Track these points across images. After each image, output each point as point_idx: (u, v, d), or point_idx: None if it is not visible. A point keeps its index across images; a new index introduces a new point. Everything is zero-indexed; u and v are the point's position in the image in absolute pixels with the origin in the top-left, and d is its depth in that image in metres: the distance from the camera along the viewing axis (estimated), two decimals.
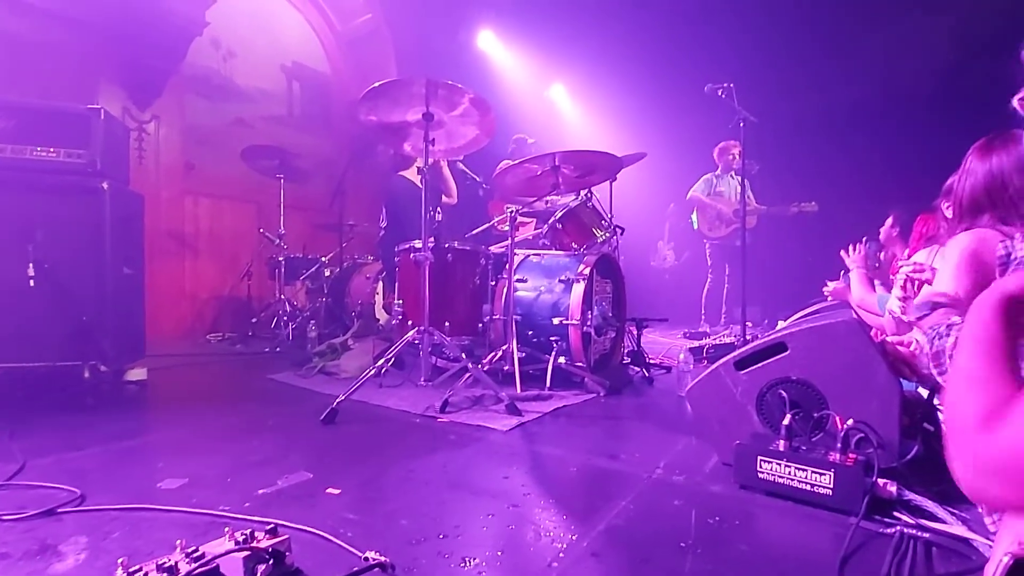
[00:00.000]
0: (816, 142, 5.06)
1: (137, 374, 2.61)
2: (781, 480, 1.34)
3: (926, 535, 1.14)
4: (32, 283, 2.19)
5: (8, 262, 2.17)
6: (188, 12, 4.30)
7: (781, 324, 2.09)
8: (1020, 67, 1.00)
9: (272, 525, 0.96)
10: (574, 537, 1.15)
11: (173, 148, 4.58)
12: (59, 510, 1.21)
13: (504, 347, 2.55)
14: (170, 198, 4.56)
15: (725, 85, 3.31)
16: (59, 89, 3.76)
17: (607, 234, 3.07)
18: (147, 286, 2.82)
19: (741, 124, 3.39)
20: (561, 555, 1.08)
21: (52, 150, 2.29)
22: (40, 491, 1.31)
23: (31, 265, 2.19)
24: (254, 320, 4.43)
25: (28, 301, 2.19)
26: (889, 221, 2.61)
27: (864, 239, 1.91)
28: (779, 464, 1.35)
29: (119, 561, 0.84)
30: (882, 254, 1.91)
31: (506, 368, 2.50)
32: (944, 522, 1.17)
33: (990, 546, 1.01)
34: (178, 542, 0.88)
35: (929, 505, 1.23)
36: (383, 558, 0.98)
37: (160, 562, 0.83)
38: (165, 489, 1.37)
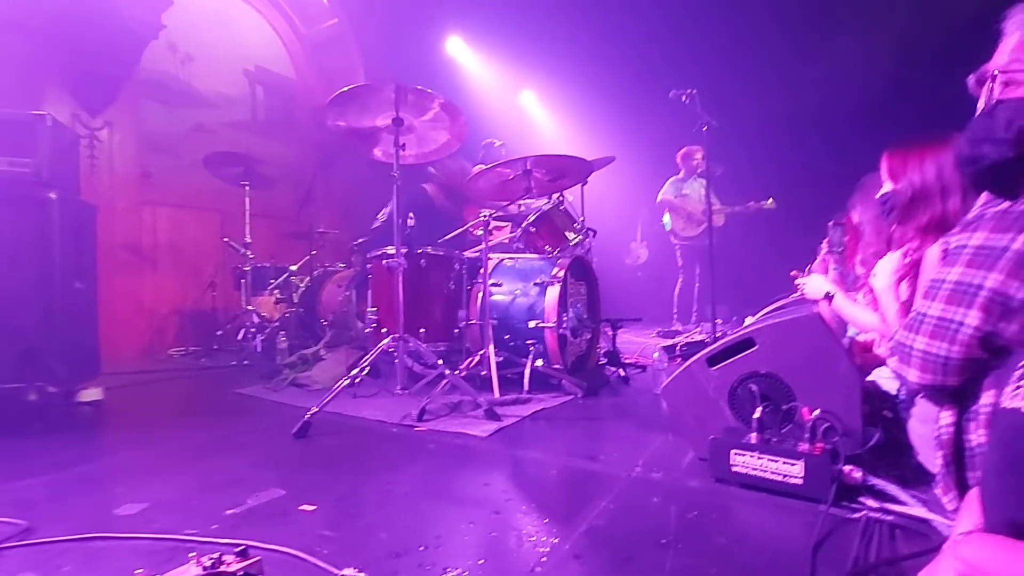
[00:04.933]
0: (776, 144, 5.23)
1: (91, 394, 2.47)
2: (754, 472, 1.37)
3: (890, 518, 1.19)
4: None
5: None
6: (142, 16, 4.14)
7: (749, 320, 2.14)
8: (962, 75, 1.05)
9: (242, 547, 0.92)
10: (556, 540, 1.15)
11: (128, 156, 4.39)
12: (2, 544, 1.12)
13: (481, 352, 2.53)
14: (126, 208, 4.37)
15: (689, 91, 3.40)
16: (1, 95, 3.56)
17: (580, 236, 3.09)
18: (102, 301, 2.69)
19: (704, 128, 3.48)
20: (544, 559, 1.07)
21: None
22: None
23: None
24: (219, 333, 4.28)
25: None
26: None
27: (831, 222, 1.96)
28: (752, 456, 1.38)
29: None
30: (847, 238, 1.95)
31: (483, 373, 2.48)
32: (906, 504, 1.22)
33: (948, 525, 1.05)
34: (137, 572, 0.83)
35: (892, 489, 1.28)
36: (361, 574, 0.95)
37: None
38: (123, 515, 1.29)
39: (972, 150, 0.93)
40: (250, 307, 3.95)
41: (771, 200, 4.89)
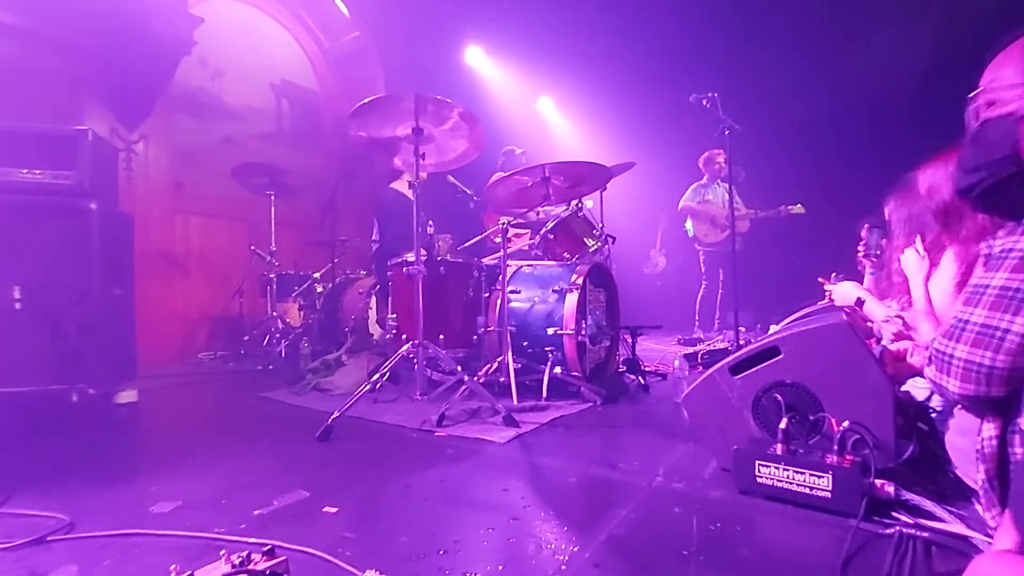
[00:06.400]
0: (800, 147, 5.14)
1: (128, 396, 2.56)
2: (780, 484, 1.34)
3: (925, 534, 1.14)
4: (18, 306, 2.15)
5: None
6: (176, 32, 4.31)
7: (773, 328, 2.10)
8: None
9: (269, 546, 0.94)
10: (575, 548, 1.14)
11: (162, 167, 4.56)
12: (48, 538, 1.18)
13: (499, 359, 2.54)
14: (160, 217, 4.53)
15: (710, 95, 3.37)
16: (47, 111, 3.74)
17: (599, 243, 3.09)
18: (138, 306, 2.78)
19: (726, 132, 3.45)
20: (563, 567, 1.07)
21: (39, 172, 2.27)
22: (28, 519, 1.28)
23: (16, 288, 2.15)
24: (246, 338, 4.39)
25: (14, 324, 2.14)
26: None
27: (866, 225, 1.89)
28: (777, 468, 1.35)
29: None
30: (884, 241, 1.87)
31: (502, 380, 2.49)
32: (943, 520, 1.18)
33: (989, 543, 1.01)
34: (172, 568, 0.86)
35: (927, 504, 1.24)
36: None
37: None
38: (158, 513, 1.34)
39: (967, 180, 0.90)
40: (275, 313, 4.05)
41: (800, 205, 4.78)
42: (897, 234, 1.78)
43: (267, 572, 0.88)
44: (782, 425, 1.39)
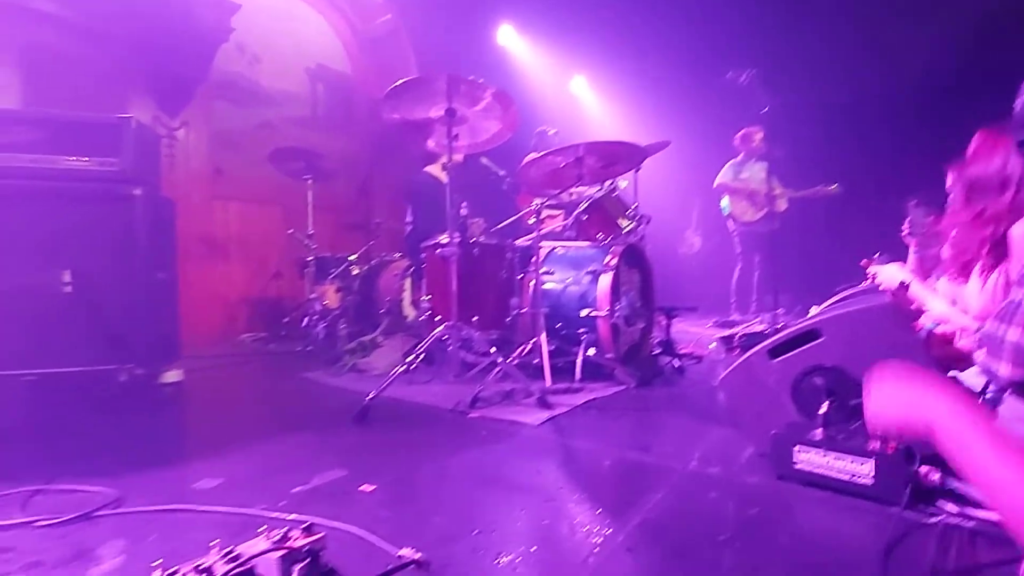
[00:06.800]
0: (840, 125, 4.89)
1: (172, 376, 2.67)
2: (819, 470, 1.31)
3: (971, 524, 1.10)
4: (68, 289, 2.26)
5: (44, 269, 2.24)
6: (214, 19, 4.39)
7: (814, 310, 2.02)
8: None
9: (307, 523, 0.96)
10: (609, 531, 1.14)
11: (202, 153, 4.70)
12: (96, 513, 1.22)
13: (533, 340, 2.54)
14: (200, 203, 4.68)
15: (747, 71, 3.24)
16: (92, 100, 3.87)
17: (633, 224, 3.02)
18: (181, 289, 2.90)
19: (765, 109, 3.31)
20: (596, 550, 1.07)
21: (85, 159, 2.35)
22: (78, 494, 1.32)
23: (67, 272, 2.26)
24: (286, 320, 4.52)
25: (64, 307, 2.25)
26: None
27: (913, 202, 1.78)
28: (817, 454, 1.31)
29: (156, 564, 0.84)
30: (931, 219, 1.76)
31: (535, 362, 2.49)
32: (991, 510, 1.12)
33: None
34: (214, 543, 0.88)
35: (975, 493, 1.17)
36: (418, 555, 0.98)
37: (197, 564, 0.83)
38: (201, 489, 1.39)
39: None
40: (313, 296, 4.15)
41: (836, 185, 4.61)
42: (958, 204, 1.67)
43: (305, 548, 0.91)
44: (822, 410, 1.35)
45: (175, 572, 0.83)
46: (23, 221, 2.22)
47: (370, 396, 2.07)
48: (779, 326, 3.10)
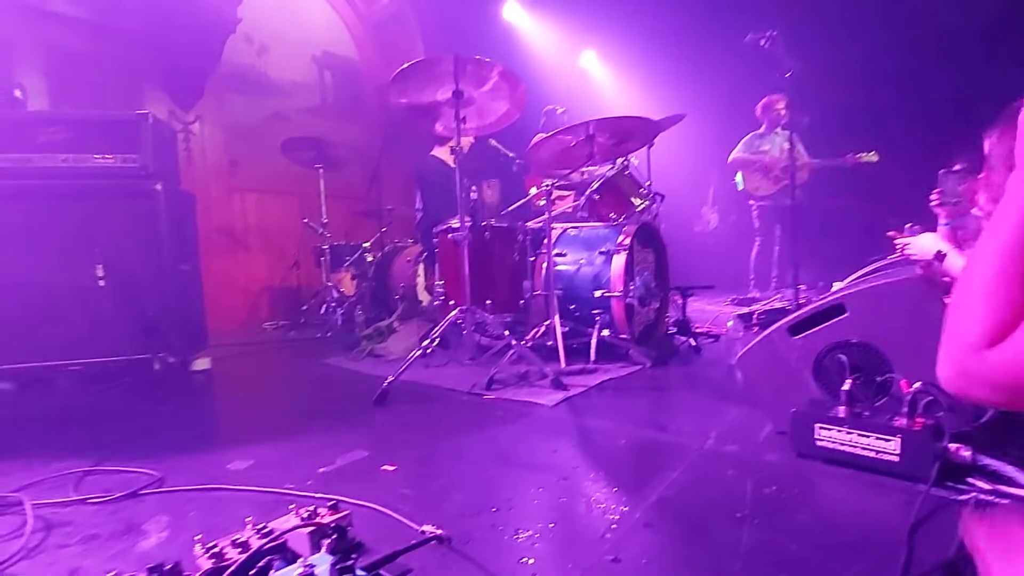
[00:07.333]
0: (868, 88, 4.66)
1: (202, 364, 2.77)
2: (842, 447, 1.29)
3: (1005, 501, 1.07)
4: (101, 283, 2.34)
5: (78, 265, 2.33)
6: (220, 10, 4.39)
7: (837, 286, 1.97)
8: None
9: (334, 501, 1.01)
10: (626, 509, 1.15)
11: (217, 146, 4.75)
12: (142, 492, 1.31)
13: (547, 322, 2.55)
14: (219, 195, 4.75)
15: (769, 33, 3.08)
16: (110, 98, 3.95)
17: (646, 202, 2.98)
18: (204, 280, 2.97)
19: (788, 75, 3.17)
20: (614, 527, 1.08)
21: (109, 156, 2.41)
22: (124, 475, 1.42)
23: (99, 266, 2.33)
24: (304, 307, 4.60)
25: (99, 300, 2.34)
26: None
27: (943, 170, 1.71)
28: (840, 431, 1.30)
29: (197, 538, 0.90)
30: (963, 187, 1.68)
31: (549, 343, 2.50)
32: None
33: None
34: (248, 519, 0.94)
35: (1008, 470, 1.15)
36: (439, 531, 1.01)
37: (234, 538, 0.89)
38: (234, 470, 1.45)
39: None
40: (330, 283, 4.21)
41: (873, 152, 4.27)
42: (998, 170, 1.60)
43: (332, 524, 0.95)
44: (846, 386, 1.33)
45: (214, 546, 0.88)
46: (60, 218, 2.33)
47: (389, 380, 2.10)
48: (801, 302, 3.05)
